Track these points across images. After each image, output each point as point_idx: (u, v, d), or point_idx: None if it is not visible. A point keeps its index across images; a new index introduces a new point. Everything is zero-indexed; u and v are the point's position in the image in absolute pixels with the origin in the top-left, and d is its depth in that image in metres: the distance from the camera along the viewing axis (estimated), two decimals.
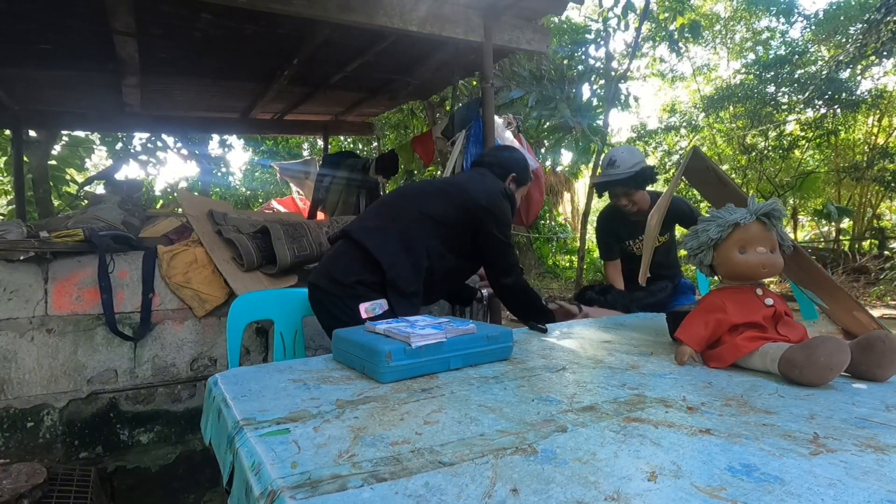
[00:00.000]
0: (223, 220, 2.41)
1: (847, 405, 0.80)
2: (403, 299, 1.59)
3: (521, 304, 1.81)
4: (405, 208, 1.74)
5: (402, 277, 1.60)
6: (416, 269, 1.64)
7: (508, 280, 1.75)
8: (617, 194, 2.30)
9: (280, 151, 10.41)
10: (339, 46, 3.18)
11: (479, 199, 1.71)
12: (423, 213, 1.70)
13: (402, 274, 1.61)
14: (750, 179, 11.93)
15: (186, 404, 2.21)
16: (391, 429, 0.71)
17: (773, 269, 1.07)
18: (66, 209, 6.44)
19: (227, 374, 1.01)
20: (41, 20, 2.66)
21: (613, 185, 2.29)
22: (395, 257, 1.61)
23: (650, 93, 22.68)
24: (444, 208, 1.70)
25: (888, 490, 0.53)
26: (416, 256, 1.64)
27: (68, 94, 4.18)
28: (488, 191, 1.75)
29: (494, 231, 1.70)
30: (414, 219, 1.69)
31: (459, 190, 1.77)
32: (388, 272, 1.58)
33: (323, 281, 1.63)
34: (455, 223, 1.71)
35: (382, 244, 1.63)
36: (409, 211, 1.72)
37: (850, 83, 10.16)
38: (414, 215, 1.70)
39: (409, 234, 1.66)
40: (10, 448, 1.92)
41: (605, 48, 6.87)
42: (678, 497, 0.52)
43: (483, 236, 1.71)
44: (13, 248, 1.89)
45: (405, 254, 1.63)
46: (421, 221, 1.68)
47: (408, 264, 1.63)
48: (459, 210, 1.71)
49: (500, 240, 1.71)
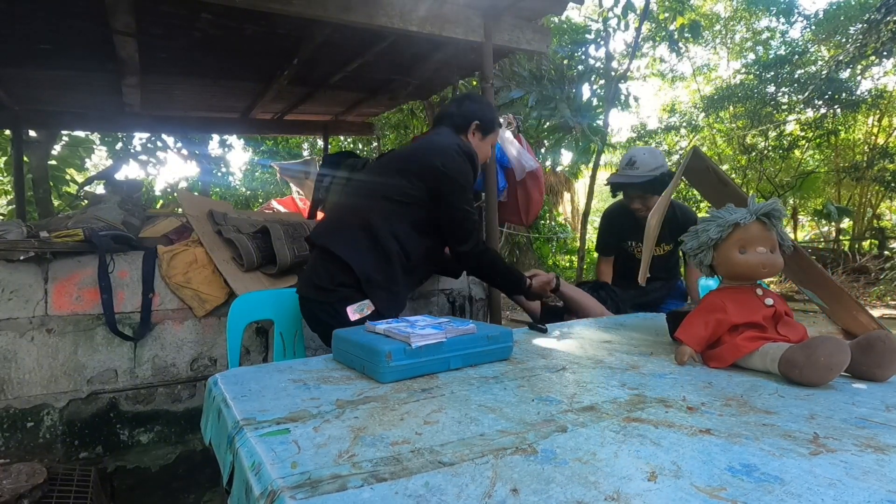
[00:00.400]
0: (223, 220, 2.41)
1: (847, 405, 0.80)
2: (382, 290, 1.56)
3: (483, 272, 1.77)
4: (363, 198, 1.68)
5: (374, 271, 1.56)
6: (386, 259, 1.58)
7: (464, 248, 1.67)
8: (631, 197, 2.22)
9: (280, 151, 10.41)
10: (339, 46, 3.18)
11: (434, 162, 1.60)
12: (384, 197, 1.62)
13: (374, 268, 1.56)
14: (750, 179, 11.93)
15: (186, 404, 2.21)
16: (391, 429, 0.71)
17: (773, 269, 1.07)
18: (66, 209, 6.43)
19: (227, 374, 1.01)
20: (41, 20, 2.66)
21: (629, 188, 2.21)
22: (363, 254, 1.56)
23: (650, 93, 22.69)
24: (403, 186, 1.61)
25: (888, 490, 0.53)
26: (385, 247, 1.58)
27: (68, 94, 4.18)
28: (443, 150, 1.63)
29: (451, 197, 1.60)
30: (374, 208, 1.61)
31: (415, 159, 1.66)
32: (357, 271, 1.54)
33: (308, 290, 1.62)
34: (419, 198, 1.61)
35: (346, 243, 1.58)
36: (368, 200, 1.65)
37: (850, 83, 10.17)
38: (373, 204, 1.62)
39: (371, 225, 1.59)
40: (10, 448, 1.92)
41: (605, 48, 6.87)
42: (678, 497, 0.52)
43: (440, 202, 1.61)
44: (13, 248, 1.89)
45: (372, 247, 1.58)
46: (382, 208, 1.61)
47: (377, 257, 1.57)
48: (419, 181, 1.61)
49: (455, 206, 1.61)
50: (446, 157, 1.61)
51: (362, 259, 1.55)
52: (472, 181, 1.68)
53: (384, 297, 1.56)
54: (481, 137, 1.82)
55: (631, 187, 2.21)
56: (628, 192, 2.24)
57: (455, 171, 1.61)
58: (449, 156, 1.61)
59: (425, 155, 1.64)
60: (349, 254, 1.56)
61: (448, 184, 1.60)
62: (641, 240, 2.35)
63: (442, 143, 1.66)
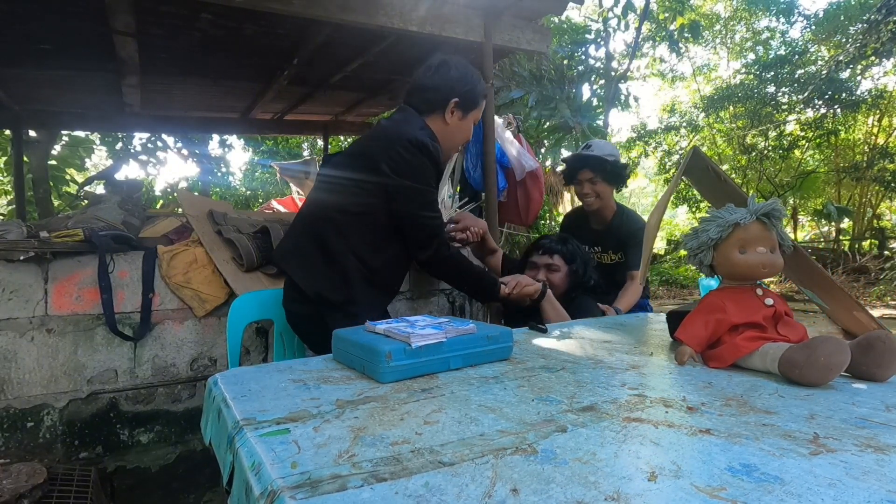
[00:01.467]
0: (223, 220, 2.41)
1: (847, 405, 0.80)
2: (338, 312, 1.43)
3: (450, 278, 1.63)
4: (316, 215, 1.53)
5: (329, 292, 1.45)
6: (344, 278, 1.46)
7: (423, 255, 1.51)
8: (581, 181, 2.18)
9: (280, 151, 10.41)
10: (339, 46, 3.18)
11: (380, 165, 1.41)
12: (339, 210, 1.47)
13: (329, 289, 1.45)
14: (750, 179, 11.94)
15: (186, 404, 2.21)
16: (391, 429, 0.71)
17: (773, 269, 1.08)
18: (66, 209, 6.44)
19: (227, 374, 1.01)
20: (41, 20, 2.66)
21: (581, 165, 2.18)
22: (318, 276, 1.46)
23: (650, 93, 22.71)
24: (355, 195, 1.45)
25: (888, 490, 0.53)
26: (342, 265, 1.46)
27: (68, 94, 4.18)
28: (388, 147, 1.42)
29: (403, 203, 1.44)
30: (327, 224, 1.48)
31: (363, 159, 1.46)
32: (308, 292, 1.45)
33: (288, 304, 1.57)
34: (375, 205, 1.45)
35: (301, 264, 1.49)
36: (321, 216, 1.50)
37: (850, 83, 10.18)
38: (326, 221, 1.48)
39: (326, 243, 1.46)
40: (10, 448, 1.92)
41: (605, 48, 6.88)
42: (678, 497, 0.52)
43: (395, 206, 1.45)
44: (13, 248, 1.89)
45: (328, 267, 1.46)
46: (336, 223, 1.47)
47: (333, 276, 1.46)
48: (372, 188, 1.43)
49: (408, 212, 1.45)
50: (392, 158, 1.41)
51: (315, 281, 1.46)
52: (429, 177, 1.49)
53: (339, 319, 1.40)
54: (462, 116, 1.56)
55: (583, 163, 2.17)
56: (581, 172, 2.19)
57: (405, 172, 1.42)
58: (395, 154, 1.41)
59: (373, 156, 1.45)
60: (303, 277, 1.47)
61: (398, 189, 1.43)
62: (592, 245, 2.29)
63: (390, 137, 1.45)
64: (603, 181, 2.16)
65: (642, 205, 23.19)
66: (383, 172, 1.41)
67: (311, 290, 1.46)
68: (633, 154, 12.94)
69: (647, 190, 21.76)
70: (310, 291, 1.46)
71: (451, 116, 1.55)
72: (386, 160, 1.41)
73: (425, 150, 1.44)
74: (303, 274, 1.48)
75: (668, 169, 12.72)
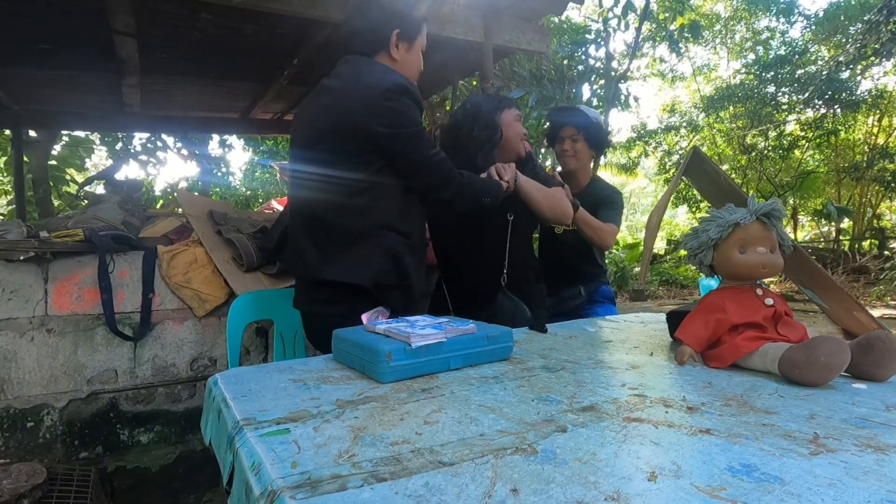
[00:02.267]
0: (223, 220, 2.41)
1: (847, 405, 0.80)
2: (394, 291, 1.35)
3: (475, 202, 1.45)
4: (315, 209, 1.39)
5: (382, 275, 1.34)
6: (388, 256, 1.34)
7: (448, 193, 1.39)
8: (563, 137, 2.16)
9: (280, 151, 10.41)
10: (339, 46, 3.17)
11: (372, 127, 1.27)
12: (344, 194, 1.32)
13: (379, 272, 1.33)
14: (750, 179, 11.95)
15: (186, 404, 2.21)
16: (391, 429, 0.71)
17: (773, 269, 1.08)
18: (66, 209, 6.44)
19: (227, 374, 1.01)
20: (41, 20, 2.66)
21: (565, 122, 2.16)
22: (360, 266, 1.33)
23: (650, 93, 22.71)
24: (355, 170, 1.30)
25: (888, 490, 0.53)
26: (382, 243, 1.33)
27: (68, 94, 4.18)
28: (371, 102, 1.28)
29: (410, 155, 1.31)
30: (337, 212, 1.34)
31: (347, 131, 1.29)
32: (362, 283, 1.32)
33: (316, 307, 1.43)
34: (382, 170, 1.31)
35: (330, 261, 1.35)
36: (323, 207, 1.36)
37: (850, 83, 10.18)
38: (333, 209, 1.34)
39: (346, 230, 1.35)
40: (10, 448, 1.92)
41: (605, 48, 6.87)
42: (678, 497, 0.52)
43: (402, 159, 1.33)
44: (13, 248, 1.89)
45: (365, 253, 1.34)
46: (347, 209, 1.33)
47: (376, 259, 1.34)
48: (371, 154, 1.29)
49: (419, 161, 1.33)
50: (381, 115, 1.27)
51: (358, 271, 1.33)
52: (419, 118, 1.36)
53: (398, 298, 1.36)
54: (408, 48, 1.41)
55: (567, 119, 2.17)
56: (564, 129, 2.17)
57: (399, 122, 1.29)
58: (382, 110, 1.27)
59: (356, 124, 1.29)
60: (342, 272, 1.33)
61: (399, 139, 1.30)
62: None
63: (361, 94, 1.30)
64: (584, 140, 2.14)
65: (642, 205, 23.19)
66: (378, 133, 1.28)
67: (362, 280, 1.32)
68: (633, 154, 12.94)
69: (647, 190, 21.75)
70: (363, 281, 1.32)
71: (397, 51, 1.40)
72: (375, 120, 1.27)
73: (407, 92, 1.32)
74: (342, 271, 1.33)
75: (668, 169, 12.73)
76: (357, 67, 1.36)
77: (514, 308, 1.63)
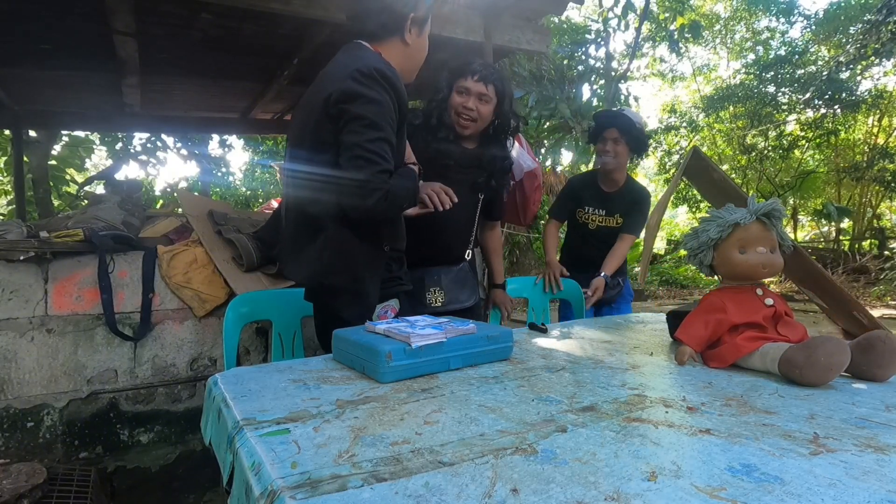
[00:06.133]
0: (223, 220, 2.41)
1: (847, 405, 0.80)
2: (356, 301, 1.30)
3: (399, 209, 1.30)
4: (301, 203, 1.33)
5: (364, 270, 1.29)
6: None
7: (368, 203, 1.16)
8: (606, 138, 2.24)
9: (280, 151, 10.41)
10: (339, 46, 3.17)
11: (329, 101, 1.18)
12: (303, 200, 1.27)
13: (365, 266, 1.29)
14: (750, 179, 11.94)
15: (186, 404, 2.21)
16: (391, 429, 0.71)
17: (773, 269, 1.08)
18: (66, 209, 6.44)
19: (227, 374, 1.01)
20: (41, 20, 2.66)
21: (610, 122, 2.24)
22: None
23: (650, 93, 22.68)
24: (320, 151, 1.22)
25: (888, 490, 0.53)
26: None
27: (68, 94, 4.18)
28: (340, 81, 1.19)
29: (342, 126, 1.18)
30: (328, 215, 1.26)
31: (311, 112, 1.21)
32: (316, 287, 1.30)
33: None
34: None
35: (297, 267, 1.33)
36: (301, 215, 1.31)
37: (850, 83, 10.17)
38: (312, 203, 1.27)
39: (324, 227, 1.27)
40: (10, 448, 1.92)
41: (605, 48, 6.87)
42: (678, 497, 0.52)
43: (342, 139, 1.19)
44: (13, 248, 1.89)
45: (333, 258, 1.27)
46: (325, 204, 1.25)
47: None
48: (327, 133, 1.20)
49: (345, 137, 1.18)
50: (342, 90, 1.17)
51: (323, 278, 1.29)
52: (387, 112, 1.21)
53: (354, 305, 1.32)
54: (419, 33, 1.33)
55: (614, 120, 2.25)
56: (609, 129, 2.25)
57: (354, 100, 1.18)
58: (345, 87, 1.17)
59: (324, 96, 1.21)
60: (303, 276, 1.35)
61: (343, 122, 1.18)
62: (598, 207, 2.33)
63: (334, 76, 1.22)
64: (625, 143, 2.23)
65: None
66: (332, 108, 1.17)
67: (312, 280, 1.33)
68: None
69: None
70: (313, 281, 1.34)
71: (410, 35, 1.31)
72: (335, 95, 1.17)
73: (383, 77, 1.19)
74: (296, 269, 1.35)
75: (668, 169, 12.73)
76: (348, 53, 1.30)
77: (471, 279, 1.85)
